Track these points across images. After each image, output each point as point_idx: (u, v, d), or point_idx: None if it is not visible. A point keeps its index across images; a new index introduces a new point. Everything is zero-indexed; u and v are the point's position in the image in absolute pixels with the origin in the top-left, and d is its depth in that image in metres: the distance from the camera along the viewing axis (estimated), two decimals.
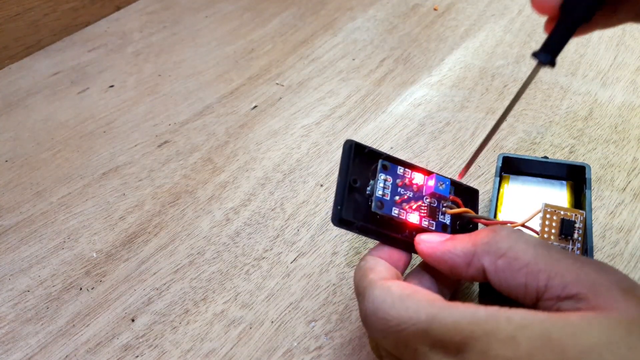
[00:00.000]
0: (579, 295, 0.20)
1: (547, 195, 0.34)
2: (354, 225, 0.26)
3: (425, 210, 0.28)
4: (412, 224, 0.27)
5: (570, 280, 0.21)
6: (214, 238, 0.37)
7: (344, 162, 0.27)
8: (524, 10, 0.59)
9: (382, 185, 0.27)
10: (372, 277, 0.24)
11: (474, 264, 0.23)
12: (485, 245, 0.23)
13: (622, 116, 0.44)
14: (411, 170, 0.29)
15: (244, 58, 0.56)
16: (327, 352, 0.30)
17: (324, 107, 0.48)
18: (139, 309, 0.34)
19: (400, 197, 0.27)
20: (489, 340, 0.19)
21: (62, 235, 0.39)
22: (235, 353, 0.31)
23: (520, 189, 0.34)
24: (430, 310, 0.21)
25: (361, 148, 0.27)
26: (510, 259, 0.22)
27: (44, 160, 0.45)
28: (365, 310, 0.23)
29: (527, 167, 0.34)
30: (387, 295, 0.23)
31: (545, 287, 0.21)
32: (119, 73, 0.55)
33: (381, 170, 0.28)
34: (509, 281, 0.22)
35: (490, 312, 0.20)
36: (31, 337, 0.33)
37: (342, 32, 0.58)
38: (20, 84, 0.54)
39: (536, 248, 0.22)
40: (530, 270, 0.21)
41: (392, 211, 0.27)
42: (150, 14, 0.65)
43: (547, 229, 0.29)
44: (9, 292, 0.35)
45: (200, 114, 0.49)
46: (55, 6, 0.59)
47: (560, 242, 0.29)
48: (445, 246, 0.24)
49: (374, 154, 0.28)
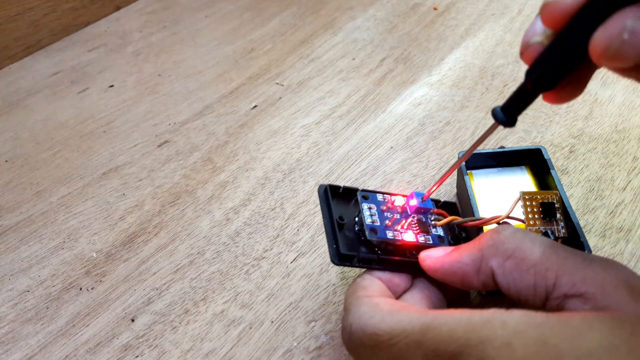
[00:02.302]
0: (586, 295, 0.20)
1: (513, 183, 0.34)
2: (355, 258, 0.26)
3: (417, 226, 0.28)
4: (410, 243, 0.27)
5: (579, 279, 0.20)
6: (213, 238, 0.37)
7: (324, 205, 0.28)
8: (524, 10, 0.59)
9: (368, 213, 0.28)
10: (360, 294, 0.24)
11: (483, 268, 0.23)
12: (492, 247, 0.23)
13: (622, 115, 0.44)
14: (390, 195, 0.29)
15: (244, 58, 0.56)
16: (327, 352, 0.30)
17: (323, 107, 0.48)
18: (139, 309, 0.34)
19: (389, 219, 0.28)
20: (485, 348, 0.19)
21: (62, 235, 0.39)
22: (235, 353, 0.31)
23: (486, 182, 0.35)
24: (423, 320, 0.21)
25: (335, 188, 0.29)
26: (517, 259, 0.22)
27: (44, 160, 0.45)
28: (349, 327, 0.23)
29: (486, 159, 0.35)
30: (376, 311, 0.22)
31: (553, 286, 0.21)
32: (118, 73, 0.55)
33: (363, 201, 0.28)
34: (517, 282, 0.22)
35: (485, 317, 0.20)
36: (31, 337, 0.33)
37: (342, 31, 0.58)
38: (20, 84, 0.54)
39: (542, 247, 0.22)
40: (539, 269, 0.21)
41: (387, 235, 0.27)
42: (150, 14, 0.65)
43: (531, 215, 0.29)
44: (9, 292, 0.35)
45: (200, 114, 0.49)
46: (55, 6, 0.59)
47: (545, 226, 0.29)
48: (451, 257, 0.24)
49: (349, 190, 0.29)
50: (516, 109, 0.23)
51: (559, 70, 0.21)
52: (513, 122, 0.23)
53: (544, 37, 0.21)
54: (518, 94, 0.23)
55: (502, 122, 0.23)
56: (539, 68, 0.21)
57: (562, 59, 0.20)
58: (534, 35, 0.21)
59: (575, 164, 0.40)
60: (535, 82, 0.21)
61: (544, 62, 0.21)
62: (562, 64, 0.21)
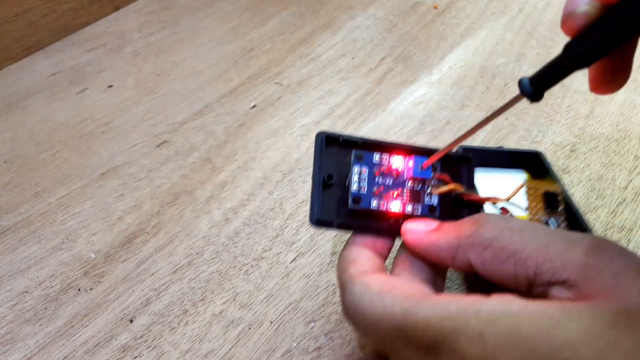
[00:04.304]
0: (568, 282, 0.19)
1: (511, 183, 0.33)
2: (333, 223, 0.25)
3: (408, 195, 0.26)
4: (394, 214, 0.26)
5: (559, 266, 0.19)
6: (212, 238, 0.37)
7: (316, 158, 0.25)
8: (524, 9, 0.59)
9: (356, 178, 0.26)
10: (352, 270, 0.23)
11: (459, 257, 0.22)
12: (470, 237, 0.22)
13: (623, 114, 0.43)
14: (389, 155, 0.27)
15: (243, 57, 0.56)
16: (327, 352, 0.30)
17: (323, 107, 0.48)
18: (138, 310, 0.33)
19: (377, 187, 0.26)
20: (457, 338, 0.18)
21: (60, 235, 0.38)
22: (234, 354, 0.31)
23: (483, 179, 0.33)
24: (405, 305, 0.20)
25: (334, 139, 0.26)
26: (496, 249, 0.21)
27: (43, 160, 0.45)
28: (347, 307, 0.23)
29: (483, 158, 0.34)
30: (366, 291, 0.22)
31: (534, 274, 0.20)
32: (118, 73, 0.55)
33: (355, 162, 0.26)
34: (497, 272, 0.21)
35: (462, 305, 0.19)
36: (29, 338, 0.32)
37: (341, 31, 0.58)
38: (20, 85, 0.54)
39: (522, 234, 0.21)
40: (518, 258, 0.20)
41: (370, 204, 0.25)
42: (149, 14, 0.65)
43: (534, 204, 0.29)
44: (7, 293, 0.35)
45: (199, 114, 0.49)
46: (54, 7, 0.59)
47: (548, 216, 0.28)
48: (429, 238, 0.23)
49: (350, 143, 0.26)
50: (546, 83, 0.21)
51: (605, 46, 0.19)
52: (539, 97, 0.21)
53: (591, 7, 0.19)
54: (552, 67, 0.21)
55: (528, 94, 0.21)
56: (583, 42, 0.19)
57: (615, 34, 0.18)
58: (580, 5, 0.19)
59: (577, 163, 0.40)
60: (576, 58, 0.19)
61: (589, 35, 0.19)
62: (612, 39, 0.18)
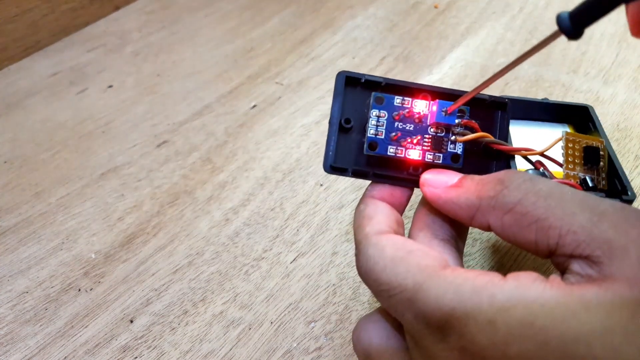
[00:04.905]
0: (591, 257, 0.17)
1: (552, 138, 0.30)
2: (348, 171, 0.24)
3: (429, 143, 0.24)
4: (413, 161, 0.24)
5: (583, 239, 0.18)
6: (213, 238, 0.37)
7: (335, 100, 0.24)
8: (525, 8, 0.59)
9: (374, 123, 0.24)
10: (368, 230, 0.22)
11: (478, 218, 0.21)
12: (492, 199, 0.20)
13: (624, 114, 0.43)
14: (412, 98, 0.25)
15: (243, 57, 0.56)
16: (327, 352, 0.30)
17: (323, 106, 0.48)
18: (138, 310, 0.33)
19: (398, 131, 0.24)
20: (468, 323, 0.17)
21: (60, 236, 0.38)
22: (235, 354, 0.31)
23: (522, 132, 0.31)
24: (418, 277, 0.19)
25: (356, 79, 0.25)
26: (518, 214, 0.19)
27: (43, 161, 0.45)
28: (360, 268, 0.22)
29: (526, 110, 0.32)
30: (380, 257, 0.21)
31: (556, 245, 0.18)
32: (117, 73, 0.55)
33: (374, 106, 0.24)
34: (517, 237, 0.20)
35: (476, 287, 0.18)
36: (30, 338, 0.32)
37: (342, 30, 0.58)
38: (19, 85, 0.54)
39: (547, 200, 0.19)
40: (540, 226, 0.19)
41: (387, 150, 0.24)
42: (149, 14, 0.65)
43: (571, 159, 0.26)
44: (7, 294, 0.35)
45: (199, 114, 0.49)
46: (54, 7, 0.59)
47: (585, 173, 0.26)
48: (448, 194, 0.22)
49: (373, 84, 0.25)
50: (588, 18, 0.19)
51: None
52: (579, 34, 0.19)
53: None
54: (594, 1, 0.18)
55: (566, 31, 0.19)
56: None
57: None
58: None
59: None
60: None
61: None
62: None
